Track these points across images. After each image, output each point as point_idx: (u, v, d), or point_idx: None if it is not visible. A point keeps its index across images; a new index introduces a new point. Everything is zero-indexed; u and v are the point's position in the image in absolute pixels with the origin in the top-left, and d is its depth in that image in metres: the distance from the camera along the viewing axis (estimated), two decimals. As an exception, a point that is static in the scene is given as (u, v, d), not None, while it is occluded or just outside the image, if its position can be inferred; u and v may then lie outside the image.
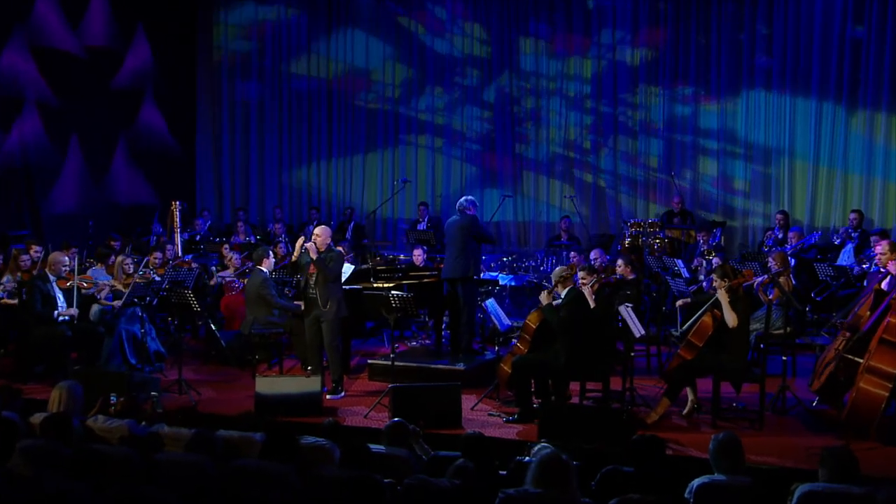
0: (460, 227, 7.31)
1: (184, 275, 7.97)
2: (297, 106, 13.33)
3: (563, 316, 5.89)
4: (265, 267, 7.46)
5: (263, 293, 7.27)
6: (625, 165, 11.86)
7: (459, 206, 7.48)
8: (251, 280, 7.49)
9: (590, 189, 12.03)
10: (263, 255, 7.50)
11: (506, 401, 6.37)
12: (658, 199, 11.71)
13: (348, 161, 13.20)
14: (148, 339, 7.18)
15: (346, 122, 13.11)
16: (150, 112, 12.66)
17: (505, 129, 12.22)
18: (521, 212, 12.37)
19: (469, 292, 7.36)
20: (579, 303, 5.95)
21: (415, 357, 7.38)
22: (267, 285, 7.33)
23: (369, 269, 8.07)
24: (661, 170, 11.68)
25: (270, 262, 7.52)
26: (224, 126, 13.61)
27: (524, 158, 12.20)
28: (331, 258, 6.59)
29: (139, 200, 12.23)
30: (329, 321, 6.58)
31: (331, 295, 6.57)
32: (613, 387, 6.19)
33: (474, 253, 7.34)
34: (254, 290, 7.32)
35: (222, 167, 13.69)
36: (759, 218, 11.18)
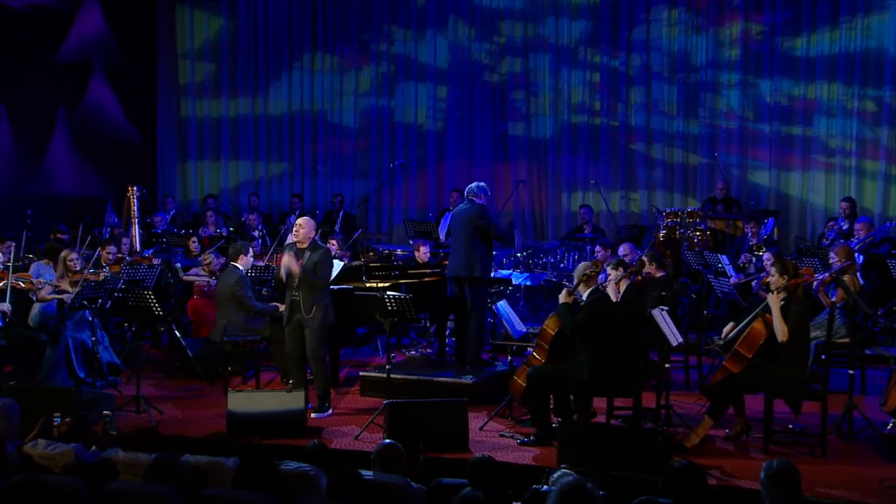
0: (468, 217, 7.30)
1: (143, 273, 7.95)
2: (275, 78, 13.35)
3: (579, 319, 5.86)
4: (241, 264, 7.44)
5: (238, 294, 7.26)
6: (659, 147, 11.83)
7: (469, 192, 7.47)
8: (223, 278, 7.46)
9: (617, 171, 12.01)
10: (241, 250, 7.49)
11: (520, 420, 6.40)
12: (699, 185, 11.69)
13: (336, 141, 13.21)
14: (100, 349, 7.15)
15: (331, 98, 13.16)
16: (99, 89, 12.66)
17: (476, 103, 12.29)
18: (538, 199, 12.39)
19: (477, 293, 7.36)
20: (602, 305, 5.93)
21: (414, 368, 7.41)
22: (242, 285, 7.32)
23: (361, 266, 8.07)
24: (702, 149, 11.65)
25: (248, 259, 7.52)
26: (191, 102, 13.64)
27: (514, 138, 12.25)
28: (316, 261, 6.56)
29: (84, 191, 12.25)
30: (314, 328, 6.57)
31: (316, 301, 6.56)
32: (646, 404, 6.20)
33: (484, 248, 7.34)
34: (227, 291, 7.31)
35: (188, 148, 13.73)
36: (820, 206, 11.16)
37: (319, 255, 6.58)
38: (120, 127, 12.95)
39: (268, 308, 7.47)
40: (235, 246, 7.60)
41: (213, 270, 8.64)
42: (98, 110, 12.64)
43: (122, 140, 12.94)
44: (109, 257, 8.39)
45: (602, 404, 6.17)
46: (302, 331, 6.62)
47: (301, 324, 6.61)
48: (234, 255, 7.50)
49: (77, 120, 12.31)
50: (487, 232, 7.30)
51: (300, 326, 6.62)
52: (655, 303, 6.25)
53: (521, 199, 12.33)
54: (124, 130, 13.02)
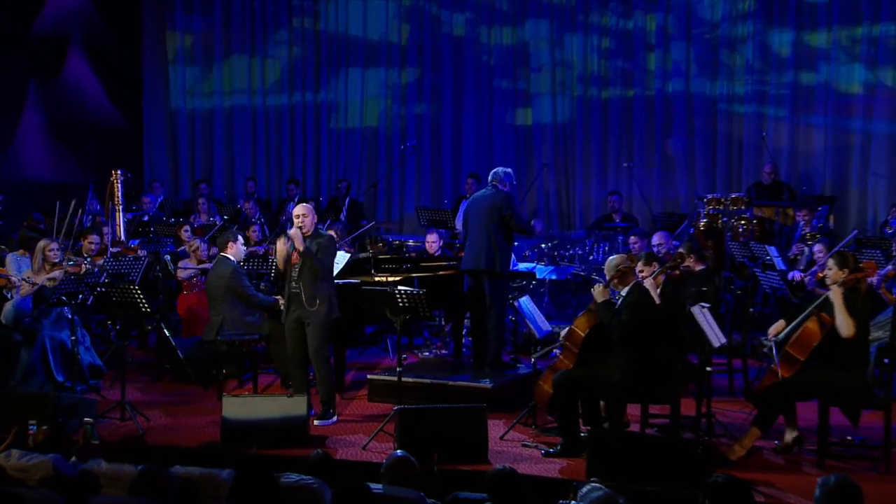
0: (491, 205, 7.29)
1: (128, 265, 7.96)
2: (274, 52, 13.39)
3: (624, 320, 5.83)
4: (231, 254, 7.45)
5: (234, 286, 7.29)
6: (700, 122, 11.76)
7: (493, 177, 7.45)
8: (215, 271, 7.47)
9: (652, 152, 11.96)
10: (229, 238, 7.49)
11: (545, 428, 6.39)
12: (744, 167, 11.61)
13: (341, 120, 13.22)
14: (80, 350, 7.18)
15: (336, 72, 13.15)
16: (78, 65, 12.69)
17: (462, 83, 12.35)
18: (563, 185, 12.37)
19: (497, 288, 7.34)
20: (646, 303, 5.89)
21: (428, 371, 7.43)
22: (237, 276, 7.34)
23: (369, 258, 8.07)
24: (749, 125, 11.55)
25: (239, 247, 7.50)
26: (180, 79, 13.69)
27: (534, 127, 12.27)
28: (320, 245, 6.57)
29: (61, 177, 12.29)
30: (317, 325, 6.55)
31: (319, 291, 6.54)
32: (685, 411, 6.13)
33: (505, 239, 7.34)
34: (221, 284, 7.32)
35: (178, 129, 13.78)
36: (882, 191, 11.06)
37: (323, 241, 6.59)
38: (101, 108, 13.00)
39: (268, 301, 7.48)
40: (223, 235, 7.61)
41: (201, 258, 8.65)
42: (77, 89, 12.69)
43: (104, 123, 13.00)
44: (92, 247, 8.41)
45: (636, 412, 6.13)
46: (303, 328, 6.62)
47: (302, 321, 6.60)
48: (222, 245, 7.50)
49: (52, 99, 12.35)
50: (511, 223, 7.29)
51: (301, 323, 6.62)
52: (695, 299, 6.20)
53: (545, 184, 12.29)
54: (106, 112, 13.07)
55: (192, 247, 8.71)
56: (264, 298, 7.45)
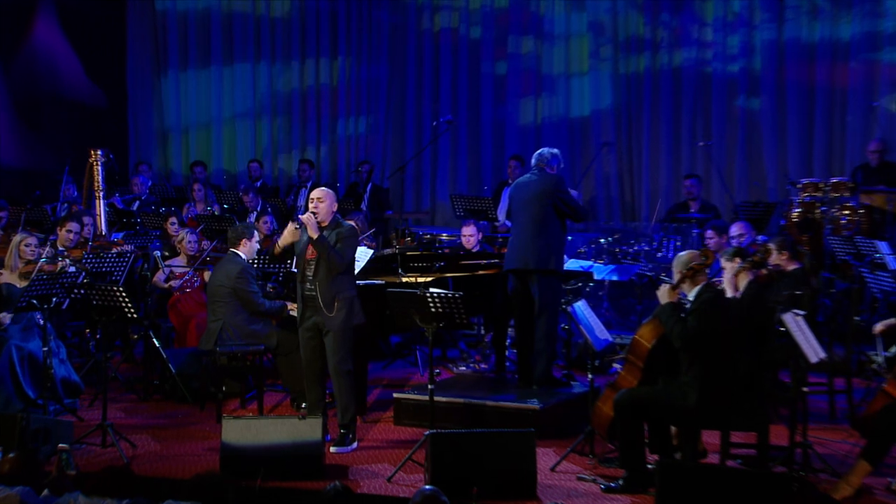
0: (539, 191, 7.29)
1: (111, 263, 7.99)
2: (280, 9, 13.44)
3: (691, 326, 5.78)
4: (244, 251, 7.52)
5: (240, 289, 7.33)
6: (793, 94, 11.65)
7: (539, 158, 7.46)
8: (220, 269, 7.52)
9: (735, 129, 11.86)
10: (244, 233, 7.56)
11: (605, 458, 6.36)
12: (847, 146, 11.47)
13: (361, 92, 13.25)
14: (55, 363, 7.23)
15: (357, 38, 13.17)
16: (48, 33, 12.77)
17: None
18: (626, 167, 12.32)
19: (548, 291, 7.32)
20: (719, 308, 5.83)
21: (465, 389, 7.45)
22: (246, 277, 7.38)
23: (395, 255, 8.07)
24: (854, 93, 11.41)
25: (253, 245, 7.58)
26: (171, 46, 13.80)
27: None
28: (339, 236, 6.58)
29: (29, 163, 12.40)
30: (335, 333, 6.56)
31: (338, 293, 6.55)
32: (775, 440, 6.07)
33: (557, 232, 7.32)
34: (226, 284, 7.36)
35: (168, 104, 13.91)
36: None
37: (343, 231, 6.60)
38: (78, 84, 13.14)
39: (275, 307, 7.50)
40: (237, 228, 7.67)
41: (189, 254, 8.67)
42: (47, 61, 12.82)
43: (81, 100, 13.15)
44: (70, 237, 8.47)
45: (714, 439, 6.07)
46: (320, 337, 6.64)
47: (319, 327, 6.62)
48: (234, 240, 7.56)
49: (16, 73, 12.44)
50: (564, 210, 7.28)
51: (318, 330, 6.64)
52: (787, 305, 6.15)
53: (604, 168, 12.24)
54: (83, 88, 13.21)
55: (178, 239, 8.76)
56: (271, 305, 7.49)
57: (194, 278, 8.66)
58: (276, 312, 7.48)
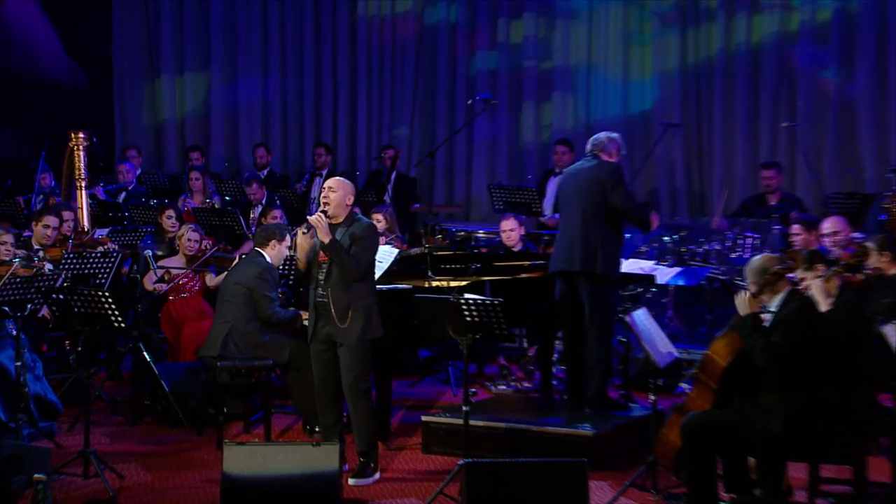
0: (592, 182, 7.29)
1: (94, 263, 8.00)
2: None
3: (776, 342, 5.76)
4: (271, 254, 7.60)
5: (258, 290, 7.39)
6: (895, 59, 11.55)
7: (595, 143, 7.44)
8: (240, 267, 7.59)
9: (825, 108, 11.79)
10: (275, 234, 7.64)
11: (670, 494, 6.32)
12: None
13: (385, 63, 13.31)
14: (29, 379, 7.24)
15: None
16: (20, 4, 12.91)
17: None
18: (695, 153, 12.25)
19: (601, 297, 7.30)
20: (809, 319, 5.81)
21: (505, 411, 7.45)
22: (266, 279, 7.45)
23: (424, 255, 8.09)
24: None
25: (282, 249, 7.65)
26: (164, 14, 13.90)
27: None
28: (355, 237, 6.60)
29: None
30: (352, 346, 6.60)
31: (354, 300, 6.59)
32: (874, 475, 6.05)
33: (611, 228, 7.32)
34: (243, 283, 7.42)
35: (160, 81, 13.97)
36: None
37: (359, 230, 6.60)
38: (55, 60, 13.24)
39: (288, 315, 7.55)
40: (267, 227, 7.77)
41: (189, 254, 8.70)
42: (20, 35, 12.91)
43: (59, 79, 13.26)
44: (48, 234, 8.51)
45: (801, 474, 6.08)
46: (334, 351, 6.66)
47: (332, 339, 6.65)
48: (262, 239, 7.66)
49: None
50: (620, 206, 7.28)
51: (331, 343, 6.66)
52: (888, 315, 6.11)
53: (668, 154, 12.21)
54: (62, 65, 13.31)
55: (179, 236, 8.79)
56: (284, 314, 7.55)
57: (193, 282, 8.66)
58: (288, 322, 7.51)
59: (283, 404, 7.97)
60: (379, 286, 7.06)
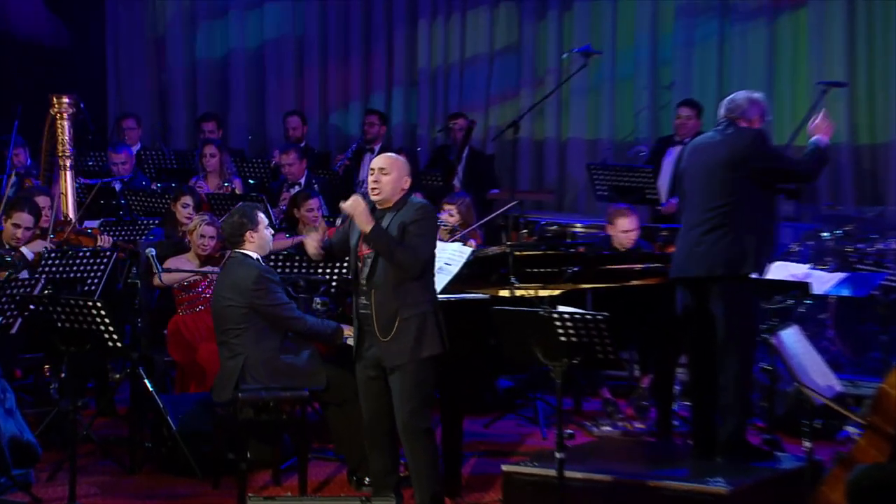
0: (729, 158, 7.27)
1: (82, 266, 8.08)
2: None
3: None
4: (253, 248, 7.51)
5: (259, 304, 7.37)
6: None
7: (730, 107, 7.39)
8: (225, 281, 7.57)
9: None
10: (244, 222, 7.48)
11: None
12: None
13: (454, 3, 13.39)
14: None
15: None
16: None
17: None
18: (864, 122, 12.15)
19: (741, 311, 7.28)
20: None
21: (611, 460, 7.49)
22: (264, 286, 7.39)
23: (506, 255, 8.08)
24: None
25: (264, 234, 7.55)
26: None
27: None
28: (406, 226, 6.59)
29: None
30: (406, 369, 6.61)
31: (404, 306, 6.61)
32: None
33: (759, 219, 7.29)
34: (237, 301, 7.40)
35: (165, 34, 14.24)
36: None
37: (412, 214, 6.61)
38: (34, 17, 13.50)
39: (326, 328, 7.53)
40: (231, 218, 7.59)
41: (203, 254, 8.76)
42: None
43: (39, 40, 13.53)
44: (18, 235, 8.57)
45: None
46: (384, 378, 6.70)
47: (381, 363, 6.67)
48: (233, 236, 7.52)
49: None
50: (774, 181, 7.26)
51: (382, 369, 6.69)
52: None
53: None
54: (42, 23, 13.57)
55: (192, 230, 8.82)
56: (315, 324, 7.52)
57: (209, 291, 8.67)
58: (326, 336, 7.52)
59: (323, 447, 8.04)
60: (446, 296, 7.08)
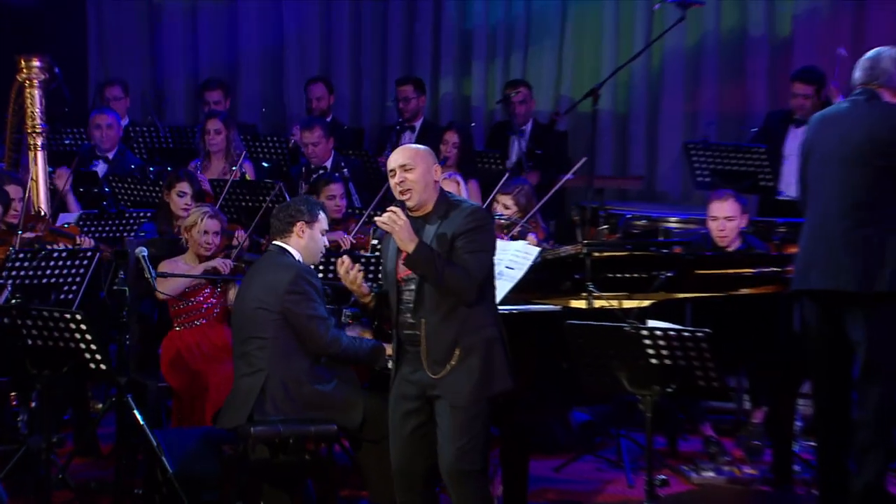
0: (869, 138, 7.24)
1: (59, 270, 8.14)
2: None
3: None
4: (298, 245, 7.61)
5: (293, 310, 7.44)
6: None
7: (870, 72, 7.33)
8: (256, 278, 7.67)
9: None
10: (300, 212, 7.61)
11: None
12: None
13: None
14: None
15: None
16: None
17: None
18: None
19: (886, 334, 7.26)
20: None
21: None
22: (303, 288, 7.48)
23: (582, 256, 8.03)
24: None
25: (316, 235, 7.65)
26: None
27: None
28: (457, 235, 6.65)
29: None
30: (458, 403, 6.67)
31: (463, 333, 6.71)
32: None
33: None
34: (268, 304, 7.49)
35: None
36: None
37: (462, 221, 6.64)
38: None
39: (363, 347, 7.60)
40: (287, 207, 7.72)
41: (204, 254, 8.84)
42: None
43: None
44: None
45: None
46: (428, 410, 6.76)
47: (426, 393, 6.72)
48: (281, 224, 7.63)
49: None
50: None
51: (424, 400, 6.76)
52: None
53: None
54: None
55: (190, 226, 8.87)
56: (350, 345, 7.51)
57: (212, 300, 8.85)
58: (364, 357, 7.60)
59: (356, 496, 8.09)
60: (505, 307, 7.14)
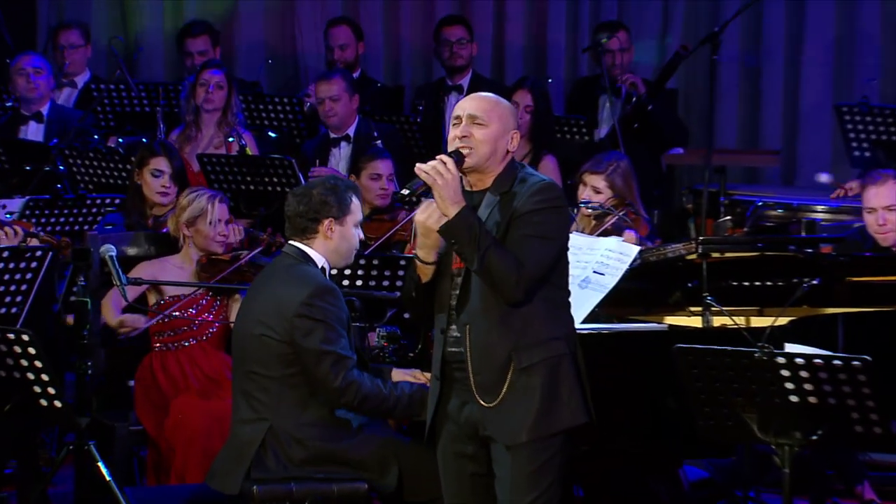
0: None
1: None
2: None
3: None
4: (326, 248, 7.76)
5: (303, 345, 7.55)
6: None
7: None
8: (260, 293, 7.82)
9: None
10: (330, 204, 7.70)
11: None
12: None
13: None
14: None
15: None
16: None
17: None
18: None
19: None
20: None
21: None
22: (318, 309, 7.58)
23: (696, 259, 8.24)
24: None
25: (350, 232, 7.81)
26: None
27: None
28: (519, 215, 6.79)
29: None
30: (515, 450, 6.80)
31: (520, 346, 6.82)
32: None
33: None
34: (273, 331, 7.62)
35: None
36: None
37: (527, 197, 6.81)
38: None
39: (396, 398, 7.69)
40: (309, 192, 7.80)
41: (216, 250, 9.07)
42: None
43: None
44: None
45: None
46: (484, 454, 6.93)
47: (477, 431, 6.88)
48: (304, 216, 7.70)
49: None
50: None
51: (478, 440, 6.92)
52: None
53: None
54: None
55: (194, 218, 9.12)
56: (374, 392, 7.65)
57: (208, 312, 9.00)
58: (398, 411, 7.77)
59: None
60: (592, 326, 7.32)
